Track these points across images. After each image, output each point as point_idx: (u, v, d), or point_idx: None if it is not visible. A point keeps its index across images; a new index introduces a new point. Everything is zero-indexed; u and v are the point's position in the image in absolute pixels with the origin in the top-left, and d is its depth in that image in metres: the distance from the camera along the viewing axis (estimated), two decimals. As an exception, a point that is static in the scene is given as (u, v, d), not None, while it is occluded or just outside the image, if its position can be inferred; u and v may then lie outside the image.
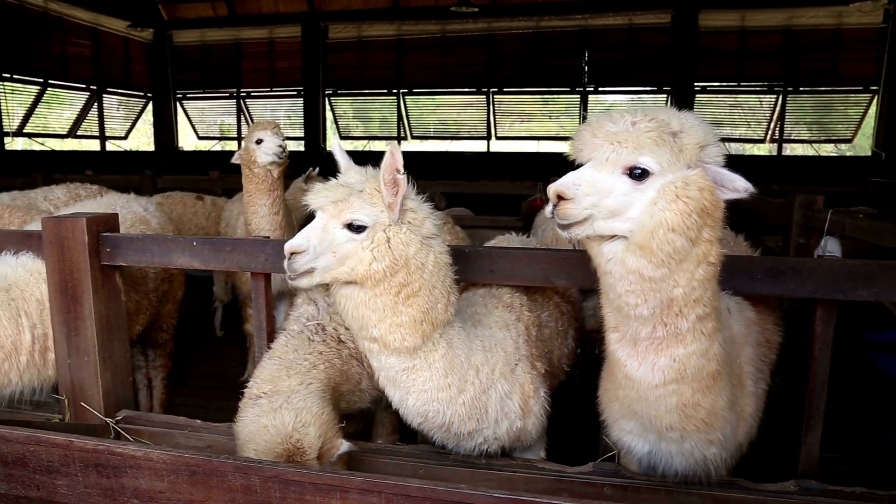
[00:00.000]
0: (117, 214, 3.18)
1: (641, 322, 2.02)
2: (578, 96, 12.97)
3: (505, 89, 13.32)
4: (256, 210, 4.42)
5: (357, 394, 2.86)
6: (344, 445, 2.37)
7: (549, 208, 1.96)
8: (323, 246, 2.18)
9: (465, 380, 2.39)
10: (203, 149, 15.85)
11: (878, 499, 2.51)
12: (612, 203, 1.91)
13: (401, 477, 2.33)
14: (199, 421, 3.15)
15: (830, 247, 4.27)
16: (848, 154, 13.60)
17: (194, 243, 3.00)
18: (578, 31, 12.56)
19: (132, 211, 3.80)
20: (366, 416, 3.40)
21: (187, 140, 16.11)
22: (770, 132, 12.71)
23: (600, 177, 1.92)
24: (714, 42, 12.13)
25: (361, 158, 2.47)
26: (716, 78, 12.35)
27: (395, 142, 2.32)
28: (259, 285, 3.03)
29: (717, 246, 1.97)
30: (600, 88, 12.97)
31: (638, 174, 1.90)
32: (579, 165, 2.01)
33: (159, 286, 3.86)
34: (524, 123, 13.79)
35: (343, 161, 2.41)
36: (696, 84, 12.20)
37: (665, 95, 12.55)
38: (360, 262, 2.16)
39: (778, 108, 12.46)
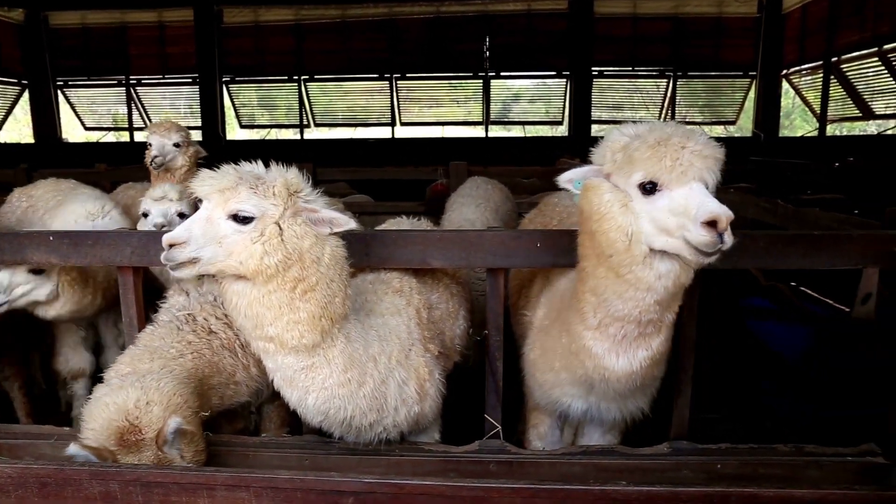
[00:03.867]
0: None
1: (639, 325, 2.15)
2: (481, 81, 13.08)
3: (408, 75, 13.23)
4: None
5: (232, 387, 2.76)
6: (173, 421, 2.25)
7: (711, 237, 1.85)
8: (206, 238, 2.06)
9: (364, 372, 2.35)
10: (92, 140, 14.82)
11: (738, 451, 2.69)
12: None
13: (270, 470, 2.27)
14: (67, 428, 2.95)
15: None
16: (736, 135, 14.48)
17: (51, 238, 2.79)
18: (479, 16, 12.63)
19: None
20: (255, 412, 3.30)
21: (74, 131, 15.00)
22: (664, 115, 13.31)
23: None
24: (609, 28, 12.54)
25: (265, 147, 2.34)
26: (611, 63, 12.79)
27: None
28: (127, 279, 2.85)
29: None
30: (502, 73, 13.13)
31: None
32: (651, 185, 1.97)
33: None
34: (430, 109, 13.77)
35: None
36: (593, 69, 12.58)
37: (564, 80, 12.88)
38: (251, 255, 2.05)
39: (669, 92, 13.08)
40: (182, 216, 4.12)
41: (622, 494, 1.86)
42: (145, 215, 3.45)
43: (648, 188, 1.96)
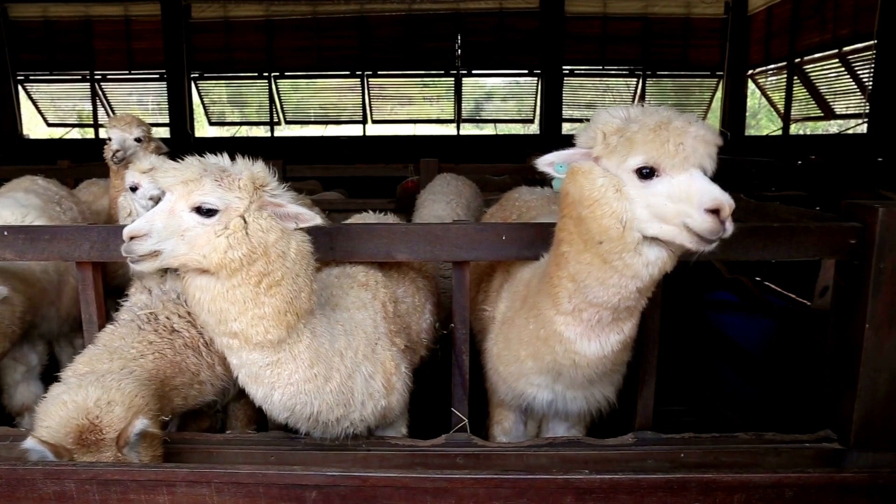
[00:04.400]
0: None
1: (614, 311, 2.14)
2: (453, 79, 13.09)
3: (379, 72, 13.17)
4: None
5: (196, 387, 2.71)
6: (139, 422, 2.21)
7: (713, 224, 1.83)
8: (168, 231, 2.02)
9: (330, 367, 2.33)
10: (55, 137, 14.46)
11: (701, 441, 2.73)
12: None
13: (230, 465, 2.25)
14: (22, 429, 2.88)
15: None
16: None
17: (5, 233, 2.71)
18: (451, 14, 12.63)
19: None
20: (221, 411, 3.25)
21: (36, 128, 14.62)
22: (634, 114, 13.47)
23: None
24: (579, 27, 12.65)
25: (234, 145, 2.31)
26: (582, 62, 12.90)
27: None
28: (86, 276, 2.79)
29: None
30: (474, 72, 13.15)
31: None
32: (649, 170, 1.91)
33: None
34: (401, 107, 13.74)
35: None
36: (564, 67, 12.68)
37: (536, 78, 12.95)
38: (214, 249, 2.01)
39: (639, 91, 13.24)
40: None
41: (585, 483, 1.88)
42: (134, 189, 3.26)
43: (646, 173, 1.90)
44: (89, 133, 14.36)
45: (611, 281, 2.03)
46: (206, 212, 2.03)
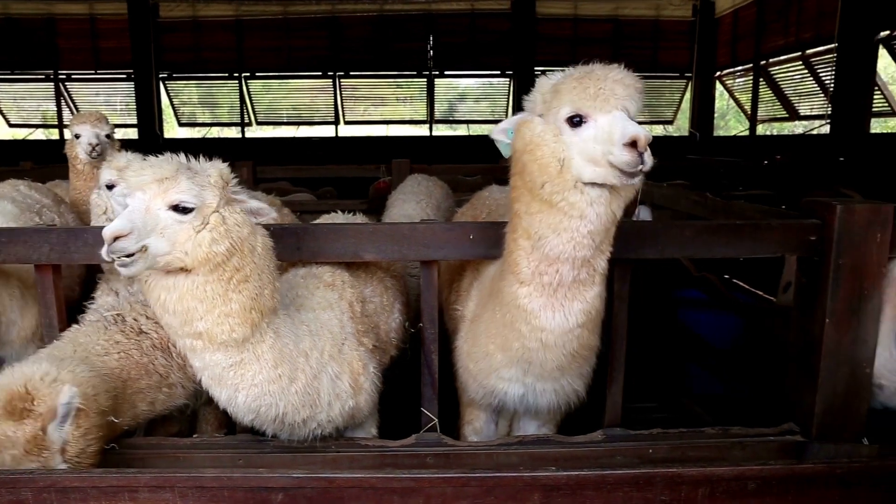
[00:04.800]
0: None
1: (574, 265, 2.14)
2: (425, 80, 13.08)
3: (351, 73, 13.12)
4: (89, 209, 4.01)
5: (165, 389, 2.66)
6: (68, 389, 2.13)
7: (631, 157, 1.91)
8: (147, 229, 1.99)
9: (295, 368, 2.31)
10: (18, 138, 14.10)
11: (669, 437, 2.77)
12: None
13: (195, 469, 2.21)
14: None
15: (643, 214, 4.64)
16: (674, 134, 14.96)
17: (-40, 236, 2.63)
18: (423, 15, 12.64)
19: None
20: (191, 416, 3.19)
21: (-1, 128, 14.26)
22: (604, 115, 13.63)
23: None
24: (551, 29, 12.76)
25: (205, 146, 2.29)
26: (553, 63, 12.96)
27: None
28: (46, 279, 2.71)
29: None
30: (446, 72, 13.17)
31: None
32: (579, 118, 2.03)
33: None
34: (374, 108, 13.69)
35: None
36: (535, 68, 12.76)
37: (507, 79, 13.02)
38: (198, 244, 2.02)
39: (610, 93, 13.38)
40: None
41: (552, 480, 1.89)
42: (110, 187, 3.12)
43: (576, 121, 2.03)
44: (54, 134, 14.04)
45: (562, 225, 2.09)
46: (182, 209, 2.03)
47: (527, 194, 2.15)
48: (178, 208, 2.03)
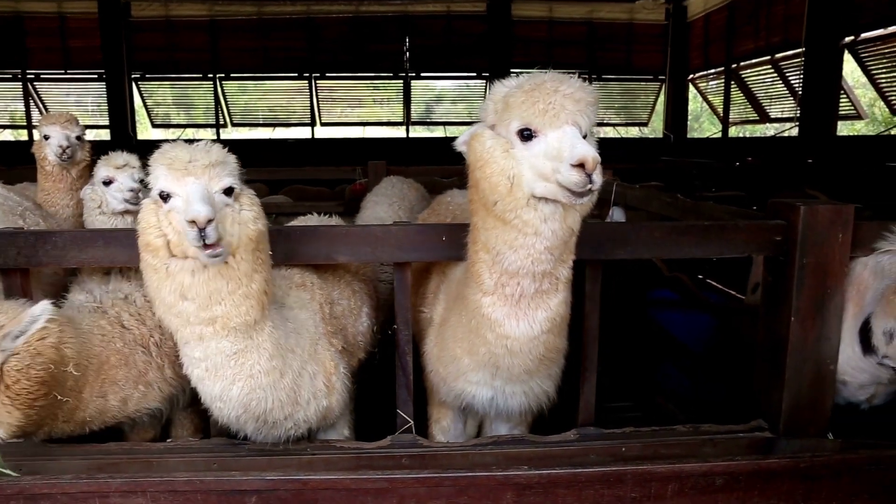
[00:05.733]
0: None
1: (534, 278, 2.12)
2: (402, 82, 13.09)
3: (328, 74, 13.07)
4: (58, 212, 3.92)
5: (141, 388, 2.63)
6: (41, 304, 2.11)
7: (580, 177, 1.85)
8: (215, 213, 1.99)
9: (285, 362, 2.31)
10: (-15, 139, 13.81)
11: (641, 435, 2.81)
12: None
13: (166, 472, 2.19)
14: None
15: (616, 215, 4.69)
16: (649, 136, 15.17)
17: (-76, 239, 2.57)
18: (399, 16, 12.65)
19: None
20: (164, 423, 3.16)
21: (-35, 130, 13.91)
22: (580, 116, 13.77)
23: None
24: (526, 31, 12.86)
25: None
26: (529, 65, 13.08)
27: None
28: (14, 283, 2.66)
29: None
30: (422, 74, 13.19)
31: (584, 138, 1.97)
32: (529, 132, 1.96)
33: None
34: (350, 109, 13.65)
35: None
36: (511, 70, 12.84)
37: (484, 81, 13.08)
38: (245, 223, 2.08)
39: (585, 95, 13.53)
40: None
41: (525, 478, 1.92)
42: (107, 183, 3.24)
43: (526, 135, 1.98)
44: (22, 135, 13.75)
45: (517, 242, 2.07)
46: (228, 191, 2.08)
47: (482, 209, 2.13)
48: (227, 191, 2.07)
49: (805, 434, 2.75)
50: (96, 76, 13.02)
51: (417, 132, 13.85)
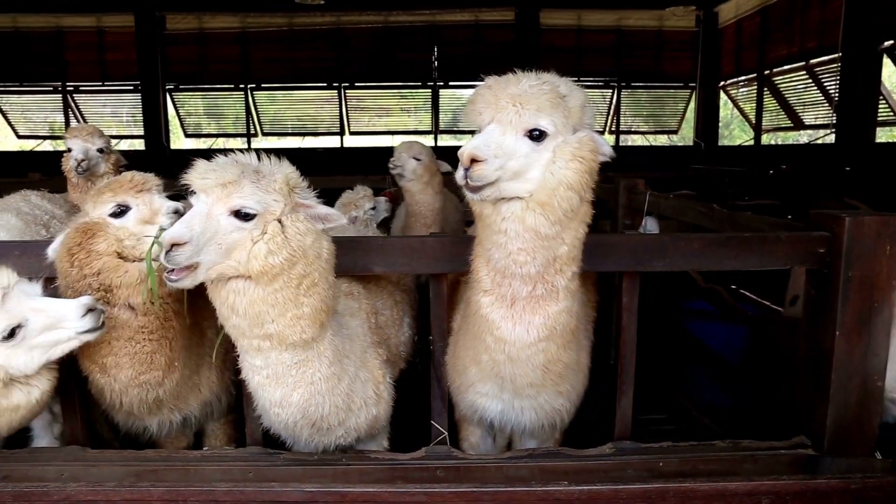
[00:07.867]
0: None
1: (524, 281, 2.12)
2: (430, 91, 13.14)
3: (356, 84, 13.18)
4: None
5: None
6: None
7: (460, 173, 1.96)
8: (206, 236, 1.91)
9: (343, 368, 2.32)
10: (26, 149, 14.21)
11: (679, 450, 2.75)
12: (516, 165, 1.99)
13: (207, 483, 2.21)
14: None
15: (650, 226, 4.64)
16: (679, 144, 14.99)
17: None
18: (427, 26, 12.71)
19: None
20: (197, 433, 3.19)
21: (6, 140, 14.35)
22: (609, 124, 13.67)
23: (506, 139, 1.99)
24: (554, 39, 12.80)
25: (211, 157, 2.20)
26: (557, 73, 13.03)
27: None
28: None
29: (590, 207, 2.16)
30: (450, 83, 13.22)
31: (536, 136, 2.02)
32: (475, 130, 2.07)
33: None
34: (379, 118, 13.75)
35: None
36: (539, 79, 12.80)
37: (512, 90, 13.05)
38: (254, 256, 1.95)
39: (614, 103, 13.43)
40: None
41: (564, 494, 1.89)
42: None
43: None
44: (61, 145, 14.12)
45: (492, 240, 2.11)
46: (244, 216, 1.96)
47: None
48: (239, 214, 1.96)
49: (851, 453, 2.67)
50: (132, 87, 13.33)
51: (445, 141, 13.86)
